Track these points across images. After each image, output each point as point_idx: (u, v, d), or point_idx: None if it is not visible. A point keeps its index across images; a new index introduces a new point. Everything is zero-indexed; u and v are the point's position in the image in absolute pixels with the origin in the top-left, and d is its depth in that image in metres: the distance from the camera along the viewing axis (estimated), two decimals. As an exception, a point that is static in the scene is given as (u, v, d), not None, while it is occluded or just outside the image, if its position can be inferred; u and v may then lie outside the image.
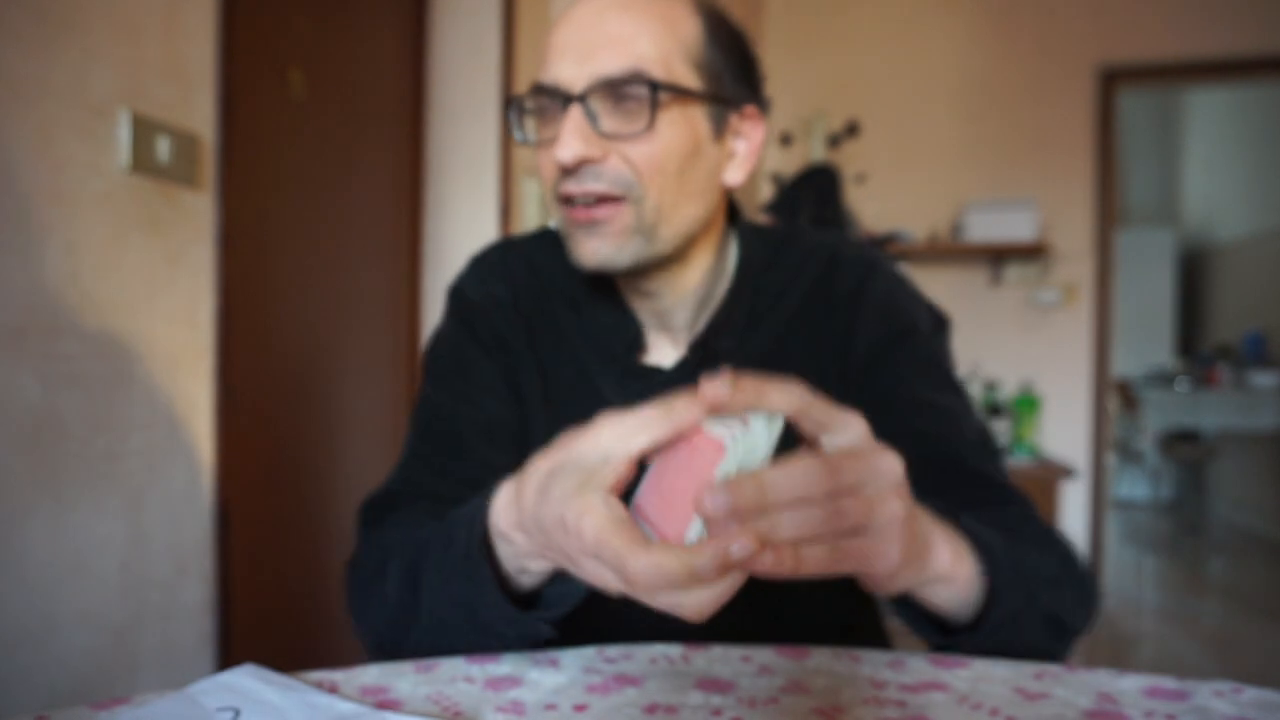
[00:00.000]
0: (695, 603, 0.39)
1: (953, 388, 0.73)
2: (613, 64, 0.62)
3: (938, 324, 0.76)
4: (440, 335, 0.79)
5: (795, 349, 0.73)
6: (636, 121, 0.63)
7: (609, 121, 0.63)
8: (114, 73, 1.09)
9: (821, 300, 0.74)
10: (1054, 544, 0.64)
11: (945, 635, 0.58)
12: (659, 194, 0.65)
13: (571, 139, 0.62)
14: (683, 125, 0.64)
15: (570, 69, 0.63)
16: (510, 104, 0.68)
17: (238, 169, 1.34)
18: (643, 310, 0.73)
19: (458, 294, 0.79)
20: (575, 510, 0.41)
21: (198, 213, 1.25)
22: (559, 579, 0.54)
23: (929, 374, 0.72)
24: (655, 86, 0.62)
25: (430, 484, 0.72)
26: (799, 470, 0.38)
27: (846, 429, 0.42)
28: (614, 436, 0.43)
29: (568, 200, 0.65)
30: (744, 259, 0.74)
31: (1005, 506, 0.67)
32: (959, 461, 0.68)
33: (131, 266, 1.13)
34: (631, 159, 0.63)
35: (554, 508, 0.43)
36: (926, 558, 0.51)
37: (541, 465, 0.46)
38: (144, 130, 1.13)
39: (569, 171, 0.63)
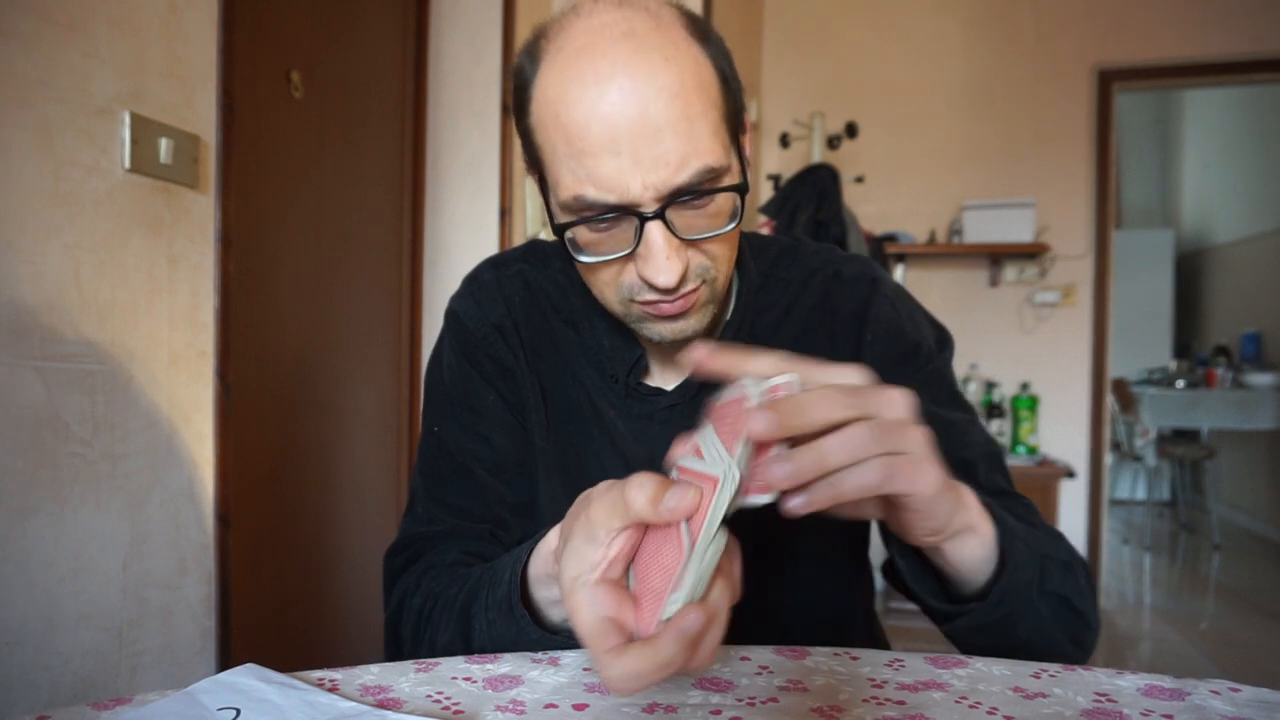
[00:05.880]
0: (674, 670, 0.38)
1: (960, 403, 0.73)
2: (683, 170, 0.56)
3: (941, 341, 0.75)
4: (441, 363, 0.77)
5: None
6: (716, 218, 0.59)
7: (687, 225, 0.58)
8: (115, 74, 1.09)
9: (825, 322, 0.73)
10: (1062, 540, 0.66)
11: (955, 604, 0.59)
12: (727, 266, 0.63)
13: (672, 263, 0.57)
14: (735, 196, 0.60)
15: (633, 180, 0.55)
16: (562, 232, 0.60)
17: (238, 170, 1.34)
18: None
19: (455, 320, 0.77)
20: (571, 605, 0.41)
21: (198, 213, 1.25)
22: None
23: (936, 391, 0.71)
24: (742, 191, 0.59)
25: (450, 525, 0.72)
26: (826, 391, 0.42)
27: (845, 374, 0.44)
28: (600, 516, 0.41)
29: (648, 302, 0.61)
30: (743, 277, 0.73)
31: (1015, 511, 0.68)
32: (970, 473, 0.68)
33: (132, 267, 1.13)
34: (708, 250, 0.61)
35: (562, 586, 0.42)
36: (962, 498, 0.52)
37: (562, 532, 0.45)
38: (145, 131, 1.13)
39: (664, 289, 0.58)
